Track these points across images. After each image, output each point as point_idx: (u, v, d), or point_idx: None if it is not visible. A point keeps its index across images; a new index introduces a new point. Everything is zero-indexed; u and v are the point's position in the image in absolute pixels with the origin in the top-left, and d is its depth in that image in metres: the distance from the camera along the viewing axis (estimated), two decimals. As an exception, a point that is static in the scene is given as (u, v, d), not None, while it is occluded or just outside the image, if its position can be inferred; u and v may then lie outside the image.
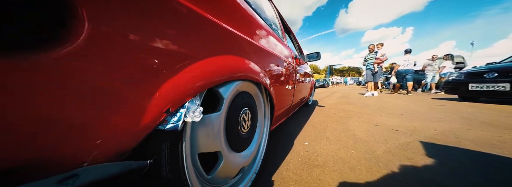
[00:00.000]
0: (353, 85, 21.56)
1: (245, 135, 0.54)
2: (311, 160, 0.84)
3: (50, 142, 0.16)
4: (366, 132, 1.30)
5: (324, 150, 0.97)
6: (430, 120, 1.71)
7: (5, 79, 0.13)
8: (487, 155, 0.90)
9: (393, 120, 1.74)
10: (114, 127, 0.20)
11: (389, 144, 1.05)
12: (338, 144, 1.06)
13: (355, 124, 1.57)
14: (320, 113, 2.14)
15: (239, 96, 0.50)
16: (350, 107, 2.66)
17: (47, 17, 0.14)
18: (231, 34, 0.43)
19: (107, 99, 0.19)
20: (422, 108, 2.48)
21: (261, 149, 0.69)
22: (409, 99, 4.02)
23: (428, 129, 1.38)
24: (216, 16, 0.37)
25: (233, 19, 0.45)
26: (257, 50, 0.57)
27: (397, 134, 1.26)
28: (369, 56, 4.87)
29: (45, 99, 0.15)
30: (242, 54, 0.48)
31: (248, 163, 0.57)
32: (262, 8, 0.90)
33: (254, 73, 0.51)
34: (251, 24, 0.59)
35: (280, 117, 0.98)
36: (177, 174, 0.29)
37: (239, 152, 0.52)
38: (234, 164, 0.47)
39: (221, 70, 0.37)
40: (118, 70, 0.20)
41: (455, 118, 1.83)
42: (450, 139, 1.14)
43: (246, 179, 0.55)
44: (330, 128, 1.42)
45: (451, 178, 0.68)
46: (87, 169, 0.18)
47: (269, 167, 0.76)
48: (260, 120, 0.69)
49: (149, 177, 0.26)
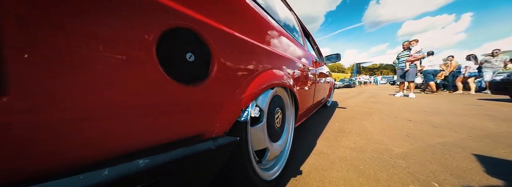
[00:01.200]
0: (386, 85, 19.60)
1: (278, 129, 0.72)
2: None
3: (203, 123, 0.35)
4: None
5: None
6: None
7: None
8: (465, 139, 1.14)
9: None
10: (221, 118, 0.38)
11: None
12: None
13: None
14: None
15: (274, 98, 0.67)
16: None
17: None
18: (275, 55, 0.61)
19: (222, 104, 0.38)
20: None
21: (289, 139, 0.86)
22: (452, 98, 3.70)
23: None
24: (267, 44, 0.58)
25: (275, 44, 0.64)
26: (287, 63, 0.74)
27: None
28: (402, 54, 4.54)
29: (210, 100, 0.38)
30: (278, 67, 0.64)
31: (282, 149, 0.75)
32: (290, 23, 1.07)
33: (285, 80, 0.67)
34: (286, 44, 0.77)
35: (302, 116, 1.12)
36: (247, 148, 0.48)
37: (276, 142, 0.70)
38: (274, 151, 0.66)
39: (267, 81, 0.54)
40: (217, 88, 0.37)
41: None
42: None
43: (281, 160, 0.73)
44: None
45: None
46: (220, 138, 0.36)
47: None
48: (288, 116, 0.86)
49: (237, 149, 0.45)
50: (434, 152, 0.96)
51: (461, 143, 1.10)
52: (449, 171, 0.76)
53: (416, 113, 2.08)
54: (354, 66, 33.83)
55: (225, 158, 0.39)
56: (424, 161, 0.85)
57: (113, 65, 0.20)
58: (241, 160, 0.46)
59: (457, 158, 0.88)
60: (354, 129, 1.45)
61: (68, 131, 0.18)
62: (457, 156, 0.90)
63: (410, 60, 4.34)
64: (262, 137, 0.58)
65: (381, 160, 0.88)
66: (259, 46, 0.52)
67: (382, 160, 0.87)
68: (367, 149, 1.02)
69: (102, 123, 0.20)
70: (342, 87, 14.62)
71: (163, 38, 0.25)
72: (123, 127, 0.22)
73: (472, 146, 1.03)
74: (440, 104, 2.88)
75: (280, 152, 0.73)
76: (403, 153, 0.95)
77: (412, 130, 1.38)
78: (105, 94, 0.20)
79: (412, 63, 4.37)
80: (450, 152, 0.95)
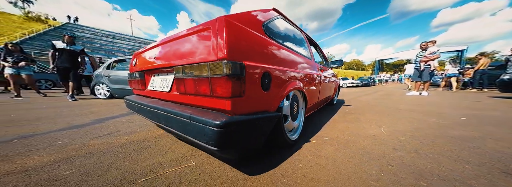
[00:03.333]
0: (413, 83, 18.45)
1: (296, 114, 1.25)
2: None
3: (269, 106, 0.90)
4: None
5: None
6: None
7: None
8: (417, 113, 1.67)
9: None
10: (274, 105, 0.92)
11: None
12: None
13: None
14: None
15: (293, 96, 1.21)
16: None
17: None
18: (293, 72, 1.11)
19: (274, 99, 0.91)
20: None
21: (301, 121, 1.38)
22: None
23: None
24: (289, 67, 1.08)
25: (293, 65, 1.13)
26: (300, 75, 1.23)
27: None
28: (419, 54, 4.75)
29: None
30: (295, 79, 1.13)
31: (297, 126, 1.30)
32: (300, 43, 1.55)
33: (298, 86, 1.16)
34: (299, 62, 1.27)
35: (310, 109, 1.63)
36: (282, 124, 1.00)
37: (294, 121, 1.24)
38: (294, 125, 1.21)
39: (293, 86, 1.06)
40: (278, 88, 0.97)
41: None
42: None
43: (297, 131, 1.28)
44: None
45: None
46: (274, 112, 0.90)
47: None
48: (301, 106, 1.39)
49: (279, 120, 0.96)
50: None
51: (410, 115, 1.61)
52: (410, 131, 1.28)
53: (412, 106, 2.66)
54: (375, 63, 31.89)
55: (275, 122, 0.91)
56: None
57: (255, 86, 0.77)
58: (281, 126, 0.99)
59: (404, 120, 1.42)
60: (350, 118, 1.98)
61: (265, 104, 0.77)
62: (404, 120, 1.50)
63: (423, 61, 4.52)
64: (288, 119, 1.15)
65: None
66: (286, 70, 1.05)
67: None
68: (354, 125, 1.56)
69: (260, 102, 0.78)
70: (361, 86, 14.31)
71: (262, 77, 0.80)
72: (259, 104, 0.80)
73: (419, 118, 1.52)
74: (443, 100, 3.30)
75: (298, 126, 1.30)
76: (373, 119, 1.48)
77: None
78: (262, 94, 0.78)
79: (426, 64, 4.54)
80: (401, 118, 1.49)
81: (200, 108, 0.79)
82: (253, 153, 1.03)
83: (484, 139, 1.26)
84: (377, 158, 0.97)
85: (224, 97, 0.66)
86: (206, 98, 0.74)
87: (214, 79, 0.66)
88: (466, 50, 20.40)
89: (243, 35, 0.74)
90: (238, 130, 0.66)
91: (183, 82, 0.80)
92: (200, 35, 0.75)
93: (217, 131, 0.60)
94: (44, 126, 1.64)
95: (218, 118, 0.62)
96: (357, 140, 1.27)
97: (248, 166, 0.90)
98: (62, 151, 1.08)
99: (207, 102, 0.74)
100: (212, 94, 0.69)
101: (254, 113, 0.77)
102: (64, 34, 3.52)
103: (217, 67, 0.64)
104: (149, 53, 1.15)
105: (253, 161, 0.95)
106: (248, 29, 0.79)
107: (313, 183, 0.75)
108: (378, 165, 0.90)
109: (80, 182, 0.75)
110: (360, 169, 0.86)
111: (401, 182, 0.75)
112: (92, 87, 4.24)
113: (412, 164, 0.91)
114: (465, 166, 0.88)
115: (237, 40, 0.69)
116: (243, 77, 0.67)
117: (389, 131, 1.46)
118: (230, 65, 0.62)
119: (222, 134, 0.60)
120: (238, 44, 0.69)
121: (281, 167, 0.89)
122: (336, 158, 0.99)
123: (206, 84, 0.69)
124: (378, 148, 1.11)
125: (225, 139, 0.62)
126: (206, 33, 0.72)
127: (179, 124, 0.74)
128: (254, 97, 0.76)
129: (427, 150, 1.08)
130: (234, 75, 0.63)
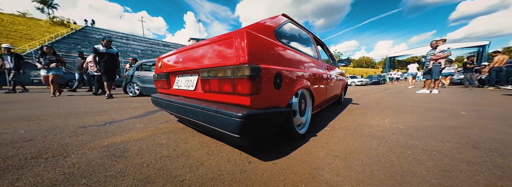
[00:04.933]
0: (414, 81, 17.81)
1: (303, 110, 1.38)
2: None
3: (280, 102, 1.01)
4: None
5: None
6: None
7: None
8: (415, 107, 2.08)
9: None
10: (285, 101, 1.04)
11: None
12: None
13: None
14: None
15: (301, 93, 1.34)
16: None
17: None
18: (301, 72, 1.23)
19: (285, 96, 1.03)
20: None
21: (309, 116, 1.50)
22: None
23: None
24: (297, 67, 1.20)
25: (301, 65, 1.25)
26: (308, 75, 1.35)
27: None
28: (429, 52, 4.77)
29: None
30: (303, 78, 1.25)
31: (305, 122, 1.42)
32: (308, 44, 1.65)
33: (305, 85, 1.29)
34: (307, 63, 1.38)
35: (318, 106, 1.73)
36: (292, 116, 1.13)
37: (302, 116, 1.36)
38: (302, 120, 1.34)
39: (301, 85, 1.19)
40: (290, 87, 1.05)
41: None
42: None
43: (306, 126, 1.41)
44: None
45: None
46: (284, 108, 1.03)
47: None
48: (308, 104, 1.51)
49: (289, 115, 1.09)
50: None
51: (414, 110, 2.08)
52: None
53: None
54: (387, 60, 30.80)
55: (285, 116, 1.03)
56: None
57: (269, 86, 0.89)
58: (290, 120, 1.12)
59: (407, 114, 1.72)
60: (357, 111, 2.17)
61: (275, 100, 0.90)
62: (407, 114, 1.81)
63: (433, 59, 4.53)
64: (297, 115, 1.27)
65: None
66: (294, 70, 1.16)
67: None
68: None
69: (272, 99, 0.91)
70: (370, 84, 14.08)
71: (274, 77, 0.93)
72: (272, 101, 0.92)
73: (421, 113, 1.72)
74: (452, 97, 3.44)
75: (305, 121, 1.43)
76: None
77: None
78: (275, 92, 0.91)
79: (436, 62, 4.55)
80: (405, 113, 1.87)
81: (222, 104, 0.93)
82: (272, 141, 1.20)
83: (473, 128, 1.44)
84: (377, 139, 1.25)
85: (245, 94, 0.79)
86: (228, 95, 0.88)
87: (236, 80, 0.79)
88: (489, 45, 19.18)
89: (259, 42, 0.88)
90: (256, 121, 0.80)
91: (208, 82, 0.95)
92: (223, 43, 0.90)
93: (240, 121, 0.73)
94: (115, 116, 2.05)
95: (241, 111, 0.76)
96: (363, 128, 1.53)
97: (286, 145, 1.15)
98: (145, 130, 1.47)
99: (229, 99, 0.88)
100: (234, 92, 0.83)
101: (268, 108, 0.90)
102: (103, 39, 3.78)
103: (239, 70, 0.77)
104: (173, 57, 1.34)
105: (289, 143, 1.21)
106: (263, 37, 0.93)
107: (330, 151, 1.06)
108: (377, 142, 1.18)
109: (176, 144, 1.16)
110: (364, 144, 1.15)
111: (393, 151, 1.04)
112: (124, 86, 4.80)
113: (404, 142, 1.17)
114: (445, 144, 1.13)
115: (255, 47, 0.83)
116: (259, 78, 0.80)
117: (392, 122, 1.70)
118: (250, 68, 0.75)
119: (243, 123, 0.74)
120: (255, 51, 0.83)
121: (308, 143, 1.20)
122: (346, 138, 1.29)
123: (229, 83, 0.83)
124: (380, 133, 1.38)
125: (246, 128, 0.76)
126: (228, 42, 0.86)
127: (206, 116, 0.89)
128: (268, 94, 0.89)
129: (419, 134, 1.32)
130: (253, 76, 0.77)
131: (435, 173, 0.78)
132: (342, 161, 0.92)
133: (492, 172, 0.78)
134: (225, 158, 0.97)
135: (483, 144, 1.11)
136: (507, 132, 1.32)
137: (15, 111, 2.27)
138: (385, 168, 0.83)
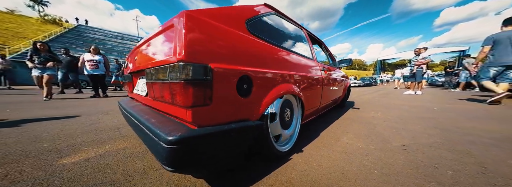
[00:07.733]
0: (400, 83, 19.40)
1: (288, 121, 1.11)
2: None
3: (249, 114, 0.76)
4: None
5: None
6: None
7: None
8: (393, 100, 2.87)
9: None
10: (256, 113, 0.79)
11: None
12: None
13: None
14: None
15: (285, 101, 1.07)
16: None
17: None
18: (285, 75, 0.96)
19: (256, 106, 0.79)
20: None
21: (296, 129, 1.23)
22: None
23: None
24: (279, 68, 0.93)
25: (284, 65, 0.98)
26: (297, 77, 1.10)
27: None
28: (413, 59, 5.52)
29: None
30: (286, 82, 1.00)
31: (290, 136, 1.15)
32: (299, 41, 1.40)
33: (293, 89, 1.03)
34: (294, 62, 1.12)
35: (311, 115, 1.47)
36: (267, 132, 0.87)
37: (286, 130, 1.09)
38: (285, 135, 1.07)
39: (283, 90, 0.93)
40: (263, 94, 0.79)
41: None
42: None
43: (291, 141, 1.14)
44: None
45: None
46: (255, 121, 0.77)
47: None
48: (295, 114, 1.23)
49: (263, 132, 0.83)
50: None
51: (400, 107, 2.64)
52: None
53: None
54: (377, 63, 32.29)
55: (257, 132, 0.77)
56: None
57: (230, 92, 0.64)
58: (265, 136, 0.86)
59: (394, 110, 2.22)
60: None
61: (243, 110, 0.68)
62: (394, 110, 2.30)
63: (416, 64, 5.27)
64: (277, 127, 1.00)
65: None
66: (273, 72, 0.89)
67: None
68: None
69: (236, 110, 0.67)
70: (362, 86, 15.02)
71: (239, 81, 0.66)
72: (232, 111, 0.67)
73: (405, 109, 2.32)
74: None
75: (291, 135, 1.16)
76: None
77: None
78: (237, 99, 0.65)
79: (419, 67, 5.29)
80: (393, 109, 2.44)
81: (169, 117, 0.67)
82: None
83: (439, 118, 2.06)
84: (372, 124, 1.83)
85: (184, 106, 0.54)
86: (171, 106, 0.63)
87: (173, 85, 0.55)
88: (468, 50, 20.88)
89: (213, 33, 0.62)
90: (200, 146, 0.54)
91: (151, 87, 0.71)
92: (166, 34, 0.65)
93: (169, 149, 0.47)
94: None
95: (173, 132, 0.50)
96: (361, 118, 2.11)
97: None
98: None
99: (173, 110, 0.63)
100: (173, 102, 0.58)
101: (228, 123, 0.65)
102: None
103: (174, 70, 0.53)
104: (133, 54, 1.06)
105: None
106: (222, 26, 0.68)
107: (337, 129, 1.61)
108: (371, 127, 1.72)
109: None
110: (362, 127, 1.71)
111: (385, 129, 1.62)
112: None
113: (390, 125, 1.78)
114: (417, 126, 1.73)
115: (202, 38, 0.58)
116: (209, 82, 0.56)
117: (383, 115, 2.30)
118: (190, 68, 0.51)
119: (175, 152, 0.48)
120: (203, 44, 0.57)
121: (327, 130, 1.65)
122: (351, 124, 1.83)
123: (168, 90, 0.59)
124: (374, 121, 1.96)
125: (182, 158, 0.50)
126: (171, 31, 0.60)
127: (143, 135, 0.63)
128: (227, 105, 0.65)
129: (401, 122, 1.92)
130: (195, 79, 0.52)
131: (408, 139, 1.35)
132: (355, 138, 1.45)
133: (442, 137, 1.38)
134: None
135: (441, 125, 1.72)
136: (459, 119, 1.97)
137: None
138: (379, 137, 1.40)
